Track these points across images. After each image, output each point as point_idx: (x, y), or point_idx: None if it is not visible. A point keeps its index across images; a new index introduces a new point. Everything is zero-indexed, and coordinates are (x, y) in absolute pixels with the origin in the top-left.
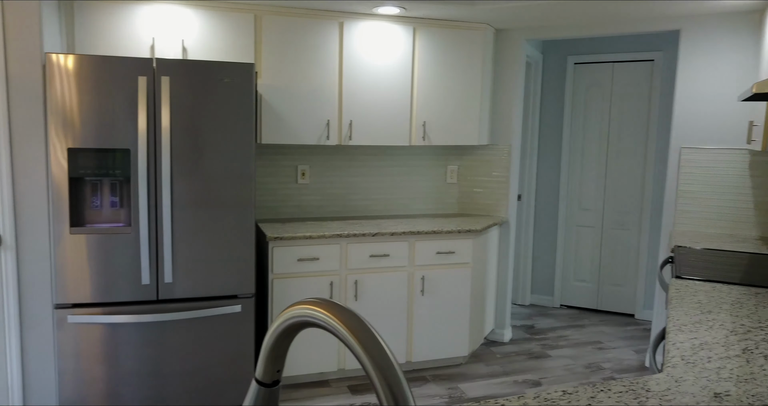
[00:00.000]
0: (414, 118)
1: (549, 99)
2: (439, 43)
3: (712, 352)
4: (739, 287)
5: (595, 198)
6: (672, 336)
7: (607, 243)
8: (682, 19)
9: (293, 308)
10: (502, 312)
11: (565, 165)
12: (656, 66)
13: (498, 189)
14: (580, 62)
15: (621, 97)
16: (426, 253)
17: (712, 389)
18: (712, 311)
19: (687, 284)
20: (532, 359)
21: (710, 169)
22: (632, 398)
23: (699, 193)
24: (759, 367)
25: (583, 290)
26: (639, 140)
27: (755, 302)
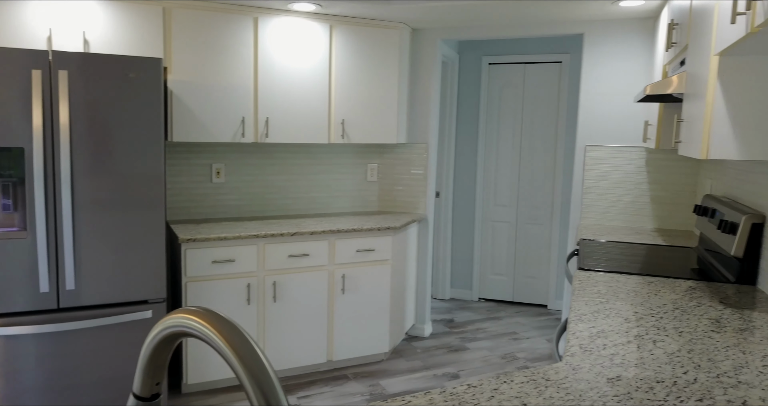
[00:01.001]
0: (332, 116)
1: (465, 98)
2: (356, 42)
3: (608, 339)
4: (636, 276)
5: (509, 194)
6: (572, 326)
7: (522, 237)
8: (585, 23)
9: (169, 317)
10: (423, 307)
11: (481, 162)
12: (564, 67)
13: (417, 187)
14: (494, 62)
15: (532, 97)
16: (346, 251)
17: (605, 374)
18: (610, 301)
19: (589, 275)
20: (451, 352)
21: (612, 166)
22: (532, 388)
23: (602, 188)
24: (648, 352)
25: (500, 283)
26: (549, 138)
27: (648, 291)
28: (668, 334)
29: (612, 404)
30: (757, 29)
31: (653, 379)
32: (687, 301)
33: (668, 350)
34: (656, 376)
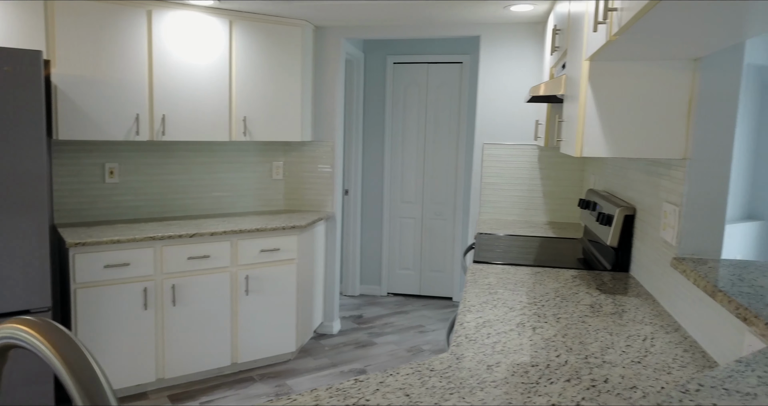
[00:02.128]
0: (234, 113)
1: (371, 97)
2: (258, 38)
3: (492, 328)
4: (525, 267)
5: (415, 191)
6: (461, 317)
7: (427, 233)
8: (481, 26)
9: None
10: (331, 305)
11: (388, 160)
12: (465, 68)
13: (324, 185)
14: (398, 62)
15: (435, 96)
16: (250, 251)
17: (486, 362)
18: (498, 292)
19: (482, 267)
20: (359, 348)
21: (508, 163)
22: (417, 379)
23: (499, 184)
24: (527, 338)
25: (408, 278)
26: (452, 137)
27: (534, 281)
28: (547, 320)
29: (489, 390)
30: (614, 38)
31: (529, 363)
32: (568, 289)
33: (546, 335)
34: (532, 360)
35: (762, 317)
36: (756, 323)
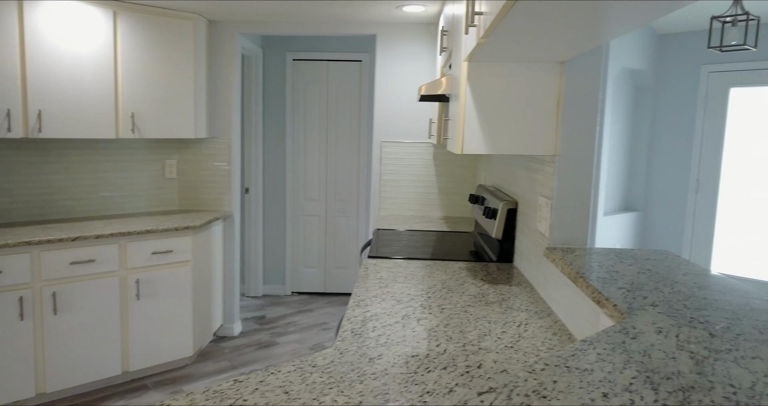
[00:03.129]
0: (120, 109)
1: (271, 93)
2: (146, 31)
3: (378, 322)
4: (417, 261)
5: (318, 188)
6: (349, 312)
7: (331, 230)
8: (377, 25)
9: None
10: (231, 306)
11: (290, 157)
12: (364, 66)
13: (221, 183)
14: (298, 59)
15: (336, 94)
16: (140, 254)
17: (368, 355)
18: (389, 285)
19: (376, 262)
20: (261, 349)
21: (405, 161)
22: (298, 376)
23: (397, 181)
24: (411, 330)
25: (312, 276)
26: (353, 134)
27: (424, 274)
28: (432, 312)
29: (368, 382)
30: (483, 40)
31: (409, 354)
32: (455, 280)
33: (429, 326)
34: (413, 351)
35: (612, 299)
36: (606, 304)
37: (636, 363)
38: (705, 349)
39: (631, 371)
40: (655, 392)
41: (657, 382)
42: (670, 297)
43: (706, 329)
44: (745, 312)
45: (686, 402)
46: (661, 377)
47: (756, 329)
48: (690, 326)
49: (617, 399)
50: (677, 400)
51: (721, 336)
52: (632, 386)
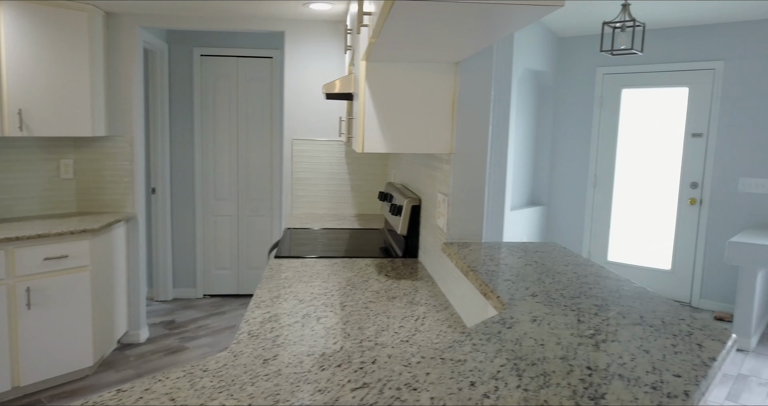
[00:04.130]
0: (6, 106)
1: (178, 89)
2: (34, 22)
3: (278, 322)
4: (325, 259)
5: (229, 187)
6: (248, 313)
7: (244, 230)
8: (285, 22)
9: None
10: (137, 312)
11: (199, 156)
12: (275, 63)
13: (123, 183)
14: (206, 54)
15: (247, 91)
16: (30, 260)
17: (263, 356)
18: (293, 285)
19: (282, 262)
20: (169, 354)
21: (317, 158)
22: (187, 382)
23: (310, 179)
24: (310, 329)
25: (225, 278)
26: (265, 132)
27: (330, 272)
28: (333, 310)
29: (260, 383)
30: (373, 40)
31: (305, 353)
32: (360, 277)
33: (328, 324)
34: (309, 350)
35: (496, 291)
36: (491, 296)
37: (507, 352)
38: (571, 335)
39: (501, 359)
40: (519, 378)
41: (523, 368)
42: (549, 287)
43: (576, 316)
44: (613, 298)
45: (545, 386)
46: (527, 364)
47: (620, 314)
48: (563, 313)
49: (483, 387)
50: (537, 384)
51: (588, 322)
52: (499, 373)
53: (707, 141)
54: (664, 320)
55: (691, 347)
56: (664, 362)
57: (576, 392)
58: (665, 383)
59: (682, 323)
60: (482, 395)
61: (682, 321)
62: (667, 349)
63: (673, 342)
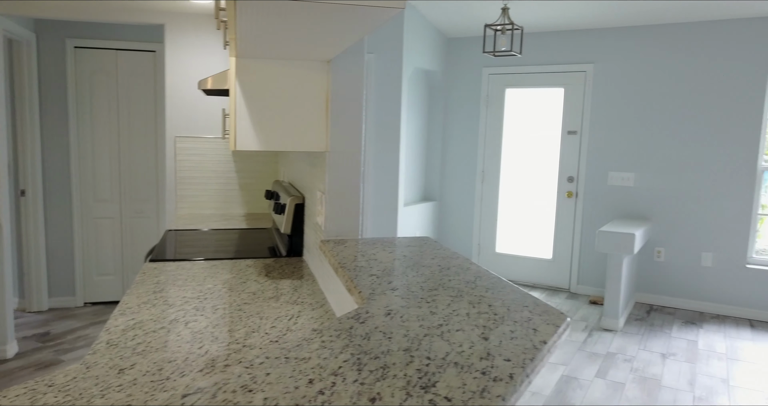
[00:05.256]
0: None
1: (49, 84)
2: None
3: (141, 330)
4: (204, 262)
5: (111, 188)
6: (110, 322)
7: (128, 233)
8: (165, 14)
9: None
10: (3, 325)
11: (75, 155)
12: (159, 57)
13: None
14: (81, 46)
15: (128, 86)
16: None
17: (120, 366)
18: (165, 290)
19: (156, 266)
20: (41, 369)
21: (203, 157)
22: (28, 399)
23: (196, 178)
24: (176, 334)
25: (108, 284)
26: (149, 129)
27: (207, 274)
28: (204, 313)
29: (111, 395)
30: (232, 36)
31: (167, 360)
32: (238, 279)
33: (196, 328)
34: (171, 356)
35: (359, 286)
36: (354, 291)
37: (354, 347)
38: (420, 327)
39: (346, 354)
40: (359, 372)
41: (365, 362)
42: (412, 280)
43: (430, 307)
44: (469, 289)
45: (382, 378)
46: (370, 358)
47: (470, 303)
48: (417, 306)
49: (320, 384)
50: (375, 377)
51: (440, 313)
52: (340, 369)
53: (581, 138)
54: (510, 307)
55: (527, 332)
56: (499, 348)
57: (410, 383)
58: (495, 368)
59: (525, 310)
60: (317, 392)
61: (526, 308)
62: (505, 335)
63: (513, 328)
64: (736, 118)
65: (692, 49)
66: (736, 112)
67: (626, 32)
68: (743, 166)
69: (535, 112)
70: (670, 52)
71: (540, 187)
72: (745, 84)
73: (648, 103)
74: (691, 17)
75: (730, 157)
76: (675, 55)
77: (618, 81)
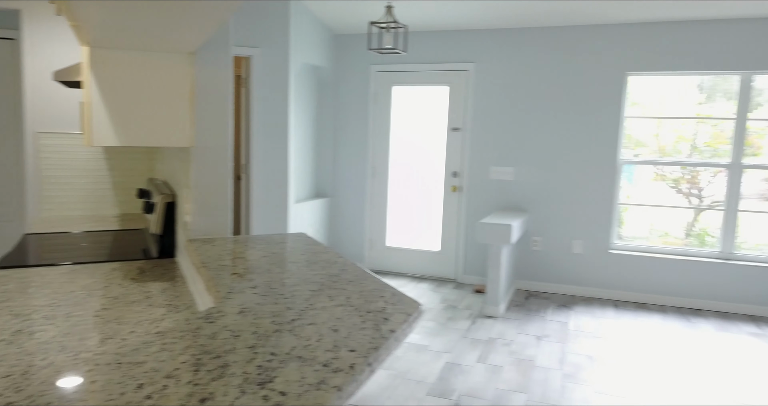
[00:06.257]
0: None
1: None
2: None
3: None
4: (64, 267)
5: None
6: None
7: None
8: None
9: None
10: None
11: None
12: (17, 46)
13: None
14: None
15: None
16: None
17: None
18: (10, 299)
19: (6, 273)
20: None
21: (70, 154)
22: None
23: (62, 177)
24: (17, 347)
25: None
26: (9, 124)
27: (64, 280)
28: (54, 322)
29: None
30: (73, 24)
31: (2, 374)
32: (99, 284)
33: (44, 338)
34: (8, 371)
35: (217, 286)
36: (211, 291)
37: (196, 347)
38: (272, 323)
39: (186, 356)
40: (195, 373)
41: (204, 363)
42: (274, 277)
43: (286, 303)
44: (330, 283)
45: (219, 377)
46: (211, 357)
47: (329, 297)
48: (274, 302)
49: (151, 388)
50: (211, 377)
51: (296, 308)
52: (176, 371)
53: (464, 134)
54: (367, 299)
55: (377, 322)
56: (347, 339)
57: (247, 380)
58: (338, 359)
59: (380, 300)
60: (144, 397)
61: (382, 298)
62: (355, 326)
63: (364, 319)
64: (600, 116)
65: (562, 52)
66: (599, 110)
67: (503, 34)
68: (606, 161)
69: (422, 110)
70: (543, 54)
71: (428, 182)
72: (607, 84)
73: (524, 101)
74: (561, 22)
75: (595, 152)
76: (547, 57)
77: (497, 80)
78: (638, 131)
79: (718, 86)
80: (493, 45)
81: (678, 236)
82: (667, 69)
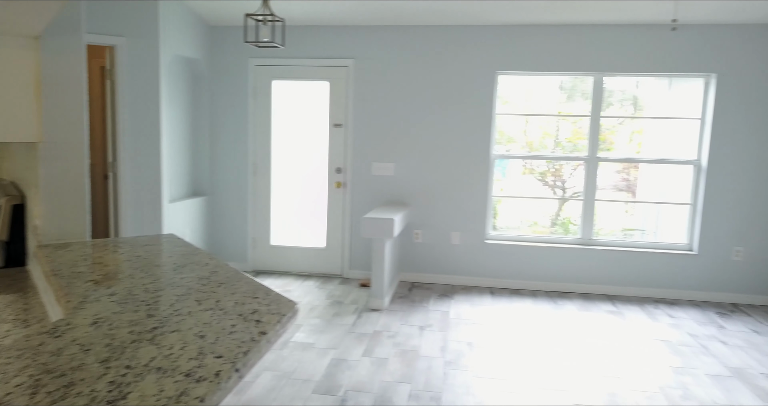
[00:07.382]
0: None
1: None
2: None
3: None
4: None
5: None
6: None
7: None
8: None
9: None
10: None
11: None
12: None
13: None
14: None
15: None
16: None
17: None
18: None
19: None
20: None
21: None
22: None
23: None
24: None
25: None
26: None
27: None
28: None
29: None
30: None
31: None
32: None
33: None
34: None
35: (68, 296)
36: (61, 302)
37: (36, 366)
38: (130, 333)
39: (23, 377)
40: (33, 396)
41: (45, 383)
42: (137, 282)
43: (147, 310)
44: (199, 287)
45: (62, 398)
46: (54, 377)
47: (197, 301)
48: (134, 310)
49: None
50: (52, 399)
51: (158, 315)
52: (8, 396)
53: (346, 131)
54: (238, 301)
55: (249, 325)
56: (214, 345)
57: (94, 399)
58: (202, 368)
59: (254, 302)
60: None
61: (256, 300)
62: (224, 330)
63: (234, 322)
64: (473, 113)
65: (438, 50)
66: (473, 107)
67: (382, 31)
68: (480, 156)
69: (304, 105)
70: (420, 52)
71: (312, 178)
72: (479, 83)
73: (403, 98)
74: (437, 21)
75: (470, 148)
76: (424, 55)
77: (376, 77)
78: (509, 128)
79: (576, 87)
80: (373, 42)
81: (545, 225)
82: (532, 69)
